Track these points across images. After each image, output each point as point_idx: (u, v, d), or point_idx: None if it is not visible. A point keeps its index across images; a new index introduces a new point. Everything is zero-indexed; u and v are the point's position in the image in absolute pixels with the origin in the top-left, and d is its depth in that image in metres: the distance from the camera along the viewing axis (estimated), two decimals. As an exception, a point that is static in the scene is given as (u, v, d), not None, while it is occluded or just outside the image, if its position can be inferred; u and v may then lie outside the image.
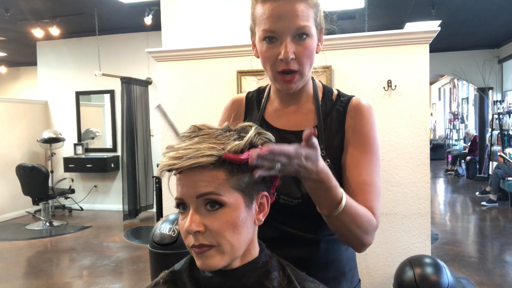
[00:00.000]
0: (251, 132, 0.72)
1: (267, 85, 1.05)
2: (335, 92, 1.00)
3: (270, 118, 1.00)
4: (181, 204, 0.70)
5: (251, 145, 0.71)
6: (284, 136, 0.95)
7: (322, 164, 0.73)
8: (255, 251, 0.76)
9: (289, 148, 0.66)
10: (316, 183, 0.74)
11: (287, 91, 0.90)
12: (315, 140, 0.69)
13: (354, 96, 0.98)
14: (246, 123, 0.76)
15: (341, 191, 0.78)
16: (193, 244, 0.68)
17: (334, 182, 0.76)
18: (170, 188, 0.73)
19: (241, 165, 0.69)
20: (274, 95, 1.01)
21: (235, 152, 0.68)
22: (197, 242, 0.67)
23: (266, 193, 0.74)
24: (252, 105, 1.04)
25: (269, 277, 0.72)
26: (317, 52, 0.92)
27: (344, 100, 0.97)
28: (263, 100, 1.03)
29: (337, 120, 0.95)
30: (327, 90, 1.00)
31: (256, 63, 1.01)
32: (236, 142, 0.69)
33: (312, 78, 1.00)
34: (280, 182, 0.83)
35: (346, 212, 0.79)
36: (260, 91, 1.07)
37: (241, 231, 0.69)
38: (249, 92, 1.08)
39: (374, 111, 0.96)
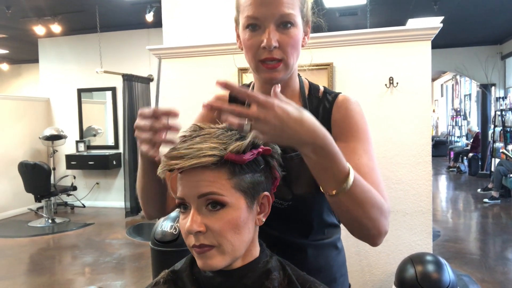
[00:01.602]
0: (254, 132, 0.71)
1: (251, 83, 1.01)
2: (322, 89, 0.97)
3: None
4: (182, 204, 0.69)
5: (253, 145, 0.70)
6: None
7: (311, 120, 0.65)
8: (256, 251, 0.75)
9: (260, 96, 0.61)
10: (312, 146, 0.66)
11: (270, 80, 0.85)
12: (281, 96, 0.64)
13: (341, 93, 0.95)
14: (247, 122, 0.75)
15: (346, 162, 0.70)
16: (194, 244, 0.67)
17: (335, 147, 0.68)
18: (172, 187, 0.72)
19: (243, 165, 0.69)
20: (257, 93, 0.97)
21: (237, 152, 0.67)
22: (198, 242, 0.67)
23: (267, 194, 0.74)
24: (236, 104, 1.01)
25: (269, 277, 0.72)
26: (303, 46, 0.89)
27: (330, 97, 0.94)
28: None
29: (323, 117, 0.91)
30: (313, 87, 0.97)
31: (240, 60, 0.97)
32: (238, 142, 0.68)
33: (299, 75, 0.97)
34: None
35: (358, 186, 0.70)
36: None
37: (242, 232, 0.68)
38: None
39: (361, 106, 0.92)
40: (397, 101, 2.36)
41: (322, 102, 0.94)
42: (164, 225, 2.28)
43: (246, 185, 0.69)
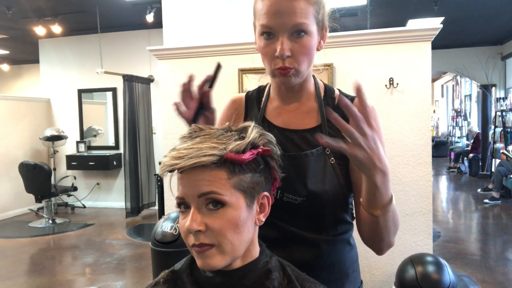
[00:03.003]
0: (254, 133, 0.72)
1: (267, 84, 1.04)
2: (337, 91, 0.99)
3: (271, 117, 0.99)
4: (182, 204, 0.70)
5: (253, 145, 0.71)
6: (286, 135, 0.94)
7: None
8: (256, 251, 0.76)
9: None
10: (383, 175, 0.73)
11: (284, 84, 0.89)
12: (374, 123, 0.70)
13: (356, 97, 0.97)
14: (247, 123, 0.76)
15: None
16: (194, 243, 0.68)
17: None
18: (172, 187, 0.73)
19: (243, 165, 0.69)
20: (274, 93, 1.00)
21: (237, 152, 0.68)
22: (197, 241, 0.67)
23: (267, 194, 0.74)
24: (252, 104, 1.03)
25: (269, 277, 0.72)
26: (318, 50, 0.91)
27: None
28: (263, 99, 1.02)
29: None
30: (328, 89, 0.99)
31: (257, 61, 1.01)
32: (238, 142, 0.69)
33: (314, 76, 0.99)
34: (283, 182, 0.82)
35: (393, 210, 0.79)
36: (260, 90, 1.05)
37: (242, 231, 0.69)
38: (248, 91, 1.07)
39: (376, 112, 0.94)
40: (397, 102, 2.36)
41: (338, 106, 0.94)
42: (165, 225, 2.28)
43: (246, 185, 0.70)
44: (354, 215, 0.98)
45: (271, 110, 0.99)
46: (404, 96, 2.35)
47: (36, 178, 5.39)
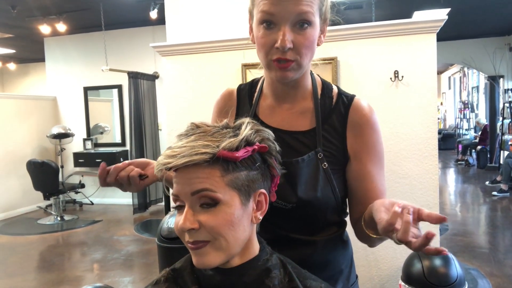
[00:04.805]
0: (247, 130, 0.70)
1: (260, 77, 0.98)
2: (335, 89, 0.94)
3: (263, 115, 0.94)
4: (178, 201, 0.69)
5: (248, 142, 0.69)
6: (279, 135, 0.86)
7: None
8: (255, 249, 0.75)
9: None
10: None
11: (282, 79, 0.83)
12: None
13: (355, 96, 0.92)
14: (243, 119, 0.74)
15: None
16: (188, 241, 0.68)
17: None
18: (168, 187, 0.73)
19: (237, 162, 0.68)
20: (267, 90, 0.94)
21: (230, 149, 0.66)
22: (192, 238, 0.67)
23: (264, 191, 0.73)
24: (244, 100, 0.98)
25: (269, 275, 0.71)
26: (318, 45, 0.85)
27: (345, 101, 0.91)
28: (255, 95, 0.96)
29: (338, 124, 0.90)
30: (326, 87, 0.94)
31: (250, 56, 0.98)
32: (231, 139, 0.67)
33: (311, 72, 0.93)
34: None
35: None
36: (253, 84, 0.99)
37: (237, 229, 0.68)
38: (241, 84, 1.01)
39: (375, 113, 0.91)
40: (403, 95, 2.33)
41: (336, 107, 0.91)
42: (171, 221, 2.29)
43: (241, 183, 0.68)
44: (348, 211, 0.96)
45: (263, 108, 0.94)
46: (410, 89, 2.32)
47: (44, 175, 5.43)
